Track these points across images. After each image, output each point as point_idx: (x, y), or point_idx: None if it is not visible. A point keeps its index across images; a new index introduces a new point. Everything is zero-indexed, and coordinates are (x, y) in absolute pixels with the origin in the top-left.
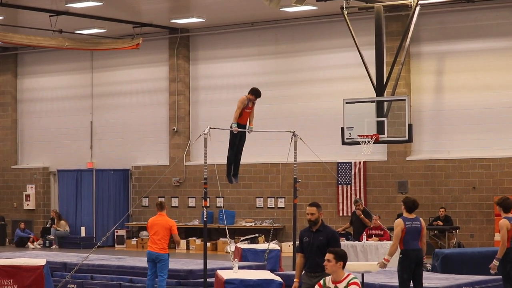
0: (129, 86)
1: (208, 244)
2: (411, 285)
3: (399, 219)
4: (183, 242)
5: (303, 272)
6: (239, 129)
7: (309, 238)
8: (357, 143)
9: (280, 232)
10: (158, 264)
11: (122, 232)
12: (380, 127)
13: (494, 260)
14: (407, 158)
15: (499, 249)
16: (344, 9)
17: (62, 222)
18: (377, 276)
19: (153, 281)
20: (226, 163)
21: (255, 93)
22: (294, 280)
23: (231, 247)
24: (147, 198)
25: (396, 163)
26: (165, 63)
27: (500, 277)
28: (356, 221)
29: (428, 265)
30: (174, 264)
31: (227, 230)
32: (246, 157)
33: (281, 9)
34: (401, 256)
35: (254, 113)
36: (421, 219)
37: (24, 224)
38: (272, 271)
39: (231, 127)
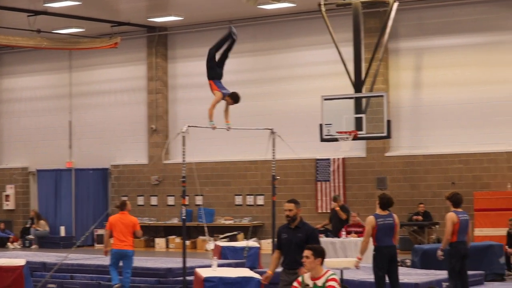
0: (107, 85)
1: (187, 242)
2: (387, 281)
3: (371, 217)
4: (162, 241)
5: (281, 269)
6: (217, 127)
7: (288, 235)
8: (336, 140)
9: (259, 229)
10: (124, 261)
11: (101, 232)
12: (358, 123)
13: (438, 250)
14: (386, 154)
15: (443, 241)
16: (322, 5)
17: (42, 222)
18: (356, 272)
19: (117, 275)
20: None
21: (234, 98)
22: (267, 271)
23: (210, 245)
24: (127, 197)
25: (374, 160)
26: (143, 62)
27: (480, 272)
28: (334, 217)
29: (407, 260)
30: (154, 262)
31: (206, 228)
32: (225, 155)
33: (258, 7)
34: (374, 253)
35: (230, 111)
36: (394, 215)
37: (3, 224)
38: (251, 268)
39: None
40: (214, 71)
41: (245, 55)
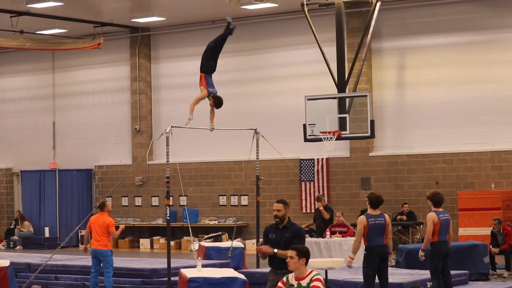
0: (91, 85)
1: (172, 243)
2: (377, 280)
3: (362, 216)
4: (147, 241)
5: (269, 269)
6: (192, 121)
7: (276, 235)
8: (320, 140)
9: (243, 229)
10: (102, 262)
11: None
12: (342, 123)
13: (420, 251)
14: (370, 154)
15: (424, 241)
16: (305, 5)
17: (26, 223)
18: (341, 272)
19: (96, 278)
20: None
21: (216, 102)
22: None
23: (194, 246)
24: (111, 198)
25: (358, 159)
26: (126, 62)
27: (465, 271)
28: (318, 217)
29: (392, 260)
30: (138, 263)
31: (190, 229)
32: (209, 155)
33: (241, 7)
34: (365, 252)
35: (215, 112)
36: (386, 215)
37: None
38: (236, 268)
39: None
40: (208, 64)
41: (228, 55)
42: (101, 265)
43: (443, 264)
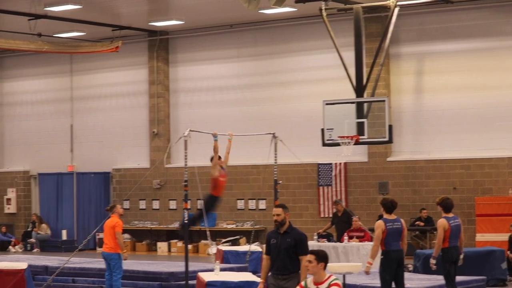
0: (109, 89)
1: (190, 247)
2: (393, 285)
3: (380, 221)
4: (164, 245)
5: (269, 274)
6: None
7: (277, 240)
8: (338, 144)
9: (261, 233)
10: (111, 264)
11: (103, 235)
12: (360, 128)
13: (431, 259)
14: (388, 159)
15: (435, 248)
16: (323, 10)
17: (43, 225)
18: (359, 277)
19: (110, 281)
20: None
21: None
22: (260, 281)
23: (212, 249)
24: (128, 201)
25: (376, 164)
26: (144, 65)
27: (482, 277)
28: (339, 222)
29: (409, 266)
30: (156, 266)
31: (208, 232)
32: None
33: (260, 11)
34: (382, 257)
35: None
36: (402, 220)
37: (5, 228)
38: (254, 273)
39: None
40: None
41: (246, 60)
42: None
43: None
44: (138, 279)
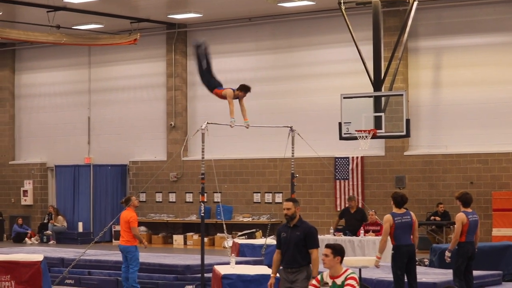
0: (126, 81)
1: (206, 239)
2: (406, 280)
3: (388, 215)
4: (180, 237)
5: (280, 268)
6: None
7: (287, 234)
8: (355, 138)
9: (277, 227)
10: (128, 257)
11: (119, 228)
12: (377, 122)
13: (446, 251)
14: (405, 153)
15: (451, 241)
16: (342, 4)
17: (60, 217)
18: (375, 271)
19: (127, 273)
20: None
21: (244, 89)
22: (271, 275)
23: (228, 242)
24: (145, 193)
25: (393, 158)
26: (162, 58)
27: (498, 272)
28: (350, 219)
29: (425, 260)
30: (172, 259)
31: (224, 225)
32: (244, 152)
33: (278, 4)
34: (393, 251)
35: (245, 107)
36: (412, 213)
37: (21, 219)
38: (269, 266)
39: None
40: (212, 82)
41: (264, 53)
42: None
43: (467, 265)
44: (154, 271)
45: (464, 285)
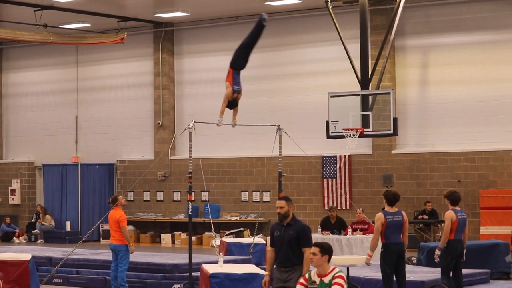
0: (114, 80)
1: (194, 238)
2: (394, 278)
3: (380, 213)
4: (168, 236)
5: (274, 266)
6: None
7: (280, 232)
8: (342, 137)
9: (265, 226)
10: (118, 256)
11: (107, 227)
12: (365, 120)
13: (437, 250)
14: (392, 152)
15: (441, 239)
16: (329, 2)
17: (48, 216)
18: (362, 269)
19: (116, 273)
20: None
21: (232, 104)
22: (266, 273)
23: (216, 241)
24: (132, 192)
25: (381, 157)
26: (149, 57)
27: (486, 270)
28: (330, 229)
29: (413, 258)
30: (160, 258)
31: (212, 224)
32: (231, 151)
33: (265, 3)
34: (382, 250)
35: (238, 109)
36: (403, 212)
37: (9, 218)
38: (257, 265)
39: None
40: (239, 61)
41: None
42: None
43: (455, 263)
44: (142, 270)
45: (452, 283)
